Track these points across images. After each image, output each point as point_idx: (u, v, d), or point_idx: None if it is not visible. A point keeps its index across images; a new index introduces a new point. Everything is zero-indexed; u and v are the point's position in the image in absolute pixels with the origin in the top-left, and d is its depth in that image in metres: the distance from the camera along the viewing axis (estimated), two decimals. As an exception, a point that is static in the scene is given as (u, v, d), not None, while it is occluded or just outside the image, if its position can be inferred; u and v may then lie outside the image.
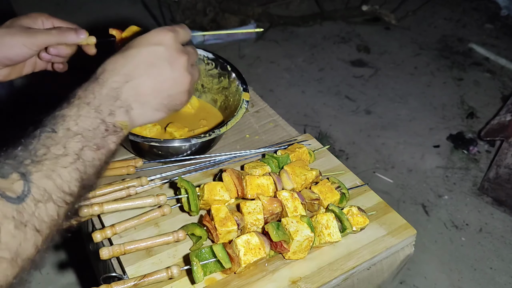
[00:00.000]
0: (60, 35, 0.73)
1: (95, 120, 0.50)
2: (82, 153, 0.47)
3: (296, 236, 0.70)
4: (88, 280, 1.41)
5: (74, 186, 0.45)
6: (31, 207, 0.40)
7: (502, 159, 1.83)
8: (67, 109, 0.49)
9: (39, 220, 0.41)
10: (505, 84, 2.66)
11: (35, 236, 0.40)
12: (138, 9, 3.07)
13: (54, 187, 0.43)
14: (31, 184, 0.41)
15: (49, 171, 0.43)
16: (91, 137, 0.48)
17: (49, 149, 0.45)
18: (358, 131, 2.28)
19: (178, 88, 0.59)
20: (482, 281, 1.62)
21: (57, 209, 0.43)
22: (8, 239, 0.37)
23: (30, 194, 0.41)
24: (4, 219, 0.38)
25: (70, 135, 0.47)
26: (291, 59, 2.79)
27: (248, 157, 0.94)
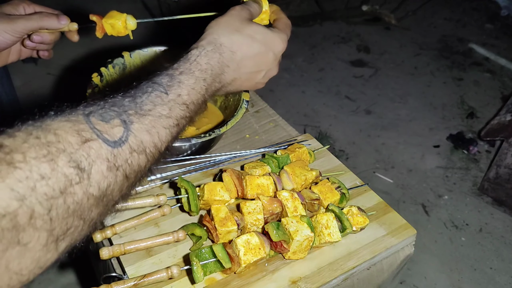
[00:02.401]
0: (41, 20, 0.73)
1: (202, 97, 0.53)
2: (182, 121, 0.50)
3: (296, 236, 0.70)
4: (88, 280, 1.41)
5: (165, 146, 0.48)
6: (126, 154, 0.42)
7: (502, 159, 1.83)
8: (186, 75, 0.52)
9: (130, 167, 0.42)
10: (505, 84, 2.66)
11: (123, 182, 0.42)
12: (138, 9, 3.07)
13: (150, 142, 0.45)
14: (130, 133, 0.43)
15: (150, 126, 0.45)
16: (193, 111, 0.52)
17: (155, 107, 0.47)
18: (358, 131, 2.28)
19: (262, 81, 0.67)
20: (482, 281, 1.62)
21: (146, 162, 0.45)
22: (99, 178, 0.39)
23: (127, 142, 0.42)
24: (98, 158, 0.39)
25: (179, 101, 0.50)
26: (291, 59, 2.79)
27: (248, 157, 0.94)
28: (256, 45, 0.61)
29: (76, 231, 0.38)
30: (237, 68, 0.60)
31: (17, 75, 2.15)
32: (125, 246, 0.70)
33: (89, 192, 0.38)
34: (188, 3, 2.90)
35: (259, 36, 0.61)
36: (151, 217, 0.77)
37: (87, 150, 0.39)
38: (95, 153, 0.39)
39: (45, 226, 0.35)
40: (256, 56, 0.61)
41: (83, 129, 0.40)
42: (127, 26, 0.80)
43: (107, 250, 0.69)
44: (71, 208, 0.37)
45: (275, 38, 0.63)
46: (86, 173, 0.38)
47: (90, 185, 0.38)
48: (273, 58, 0.63)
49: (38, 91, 2.35)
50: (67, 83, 2.41)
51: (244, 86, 0.64)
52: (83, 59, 2.08)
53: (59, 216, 0.36)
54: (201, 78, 0.54)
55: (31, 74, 2.40)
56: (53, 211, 0.35)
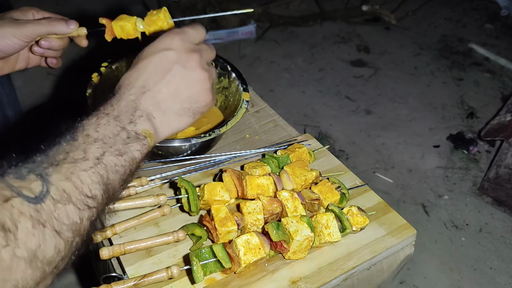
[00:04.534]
0: (49, 25, 0.72)
1: (115, 127, 0.49)
2: (103, 158, 0.46)
3: (296, 236, 0.70)
4: (88, 280, 1.41)
5: (96, 189, 0.44)
6: (50, 208, 0.39)
7: (502, 159, 1.83)
8: (86, 120, 0.49)
9: (59, 221, 0.40)
10: (505, 84, 2.66)
11: (55, 238, 0.39)
12: (138, 9, 3.08)
13: (73, 188, 0.42)
14: (50, 184, 0.40)
15: (68, 173, 0.42)
16: (112, 143, 0.48)
17: (68, 154, 0.44)
18: (358, 131, 2.28)
19: (196, 87, 0.58)
20: (482, 281, 1.62)
21: (78, 212, 0.42)
22: (26, 237, 0.36)
23: (48, 195, 0.40)
24: (21, 216, 0.37)
25: (90, 141, 0.46)
26: (291, 59, 2.79)
27: (248, 157, 0.94)
28: (146, 60, 0.56)
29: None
30: (146, 87, 0.54)
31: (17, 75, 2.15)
32: (125, 246, 0.70)
33: (18, 255, 0.35)
34: (188, 3, 2.91)
35: (144, 54, 0.57)
36: (151, 217, 0.77)
37: (9, 209, 0.36)
38: (17, 212, 0.37)
39: None
40: (155, 65, 0.56)
41: (1, 187, 0.37)
42: (136, 28, 0.80)
43: (107, 250, 0.69)
44: (0, 278, 0.34)
45: (157, 41, 0.58)
46: (12, 234, 0.35)
47: (18, 246, 0.36)
48: (172, 53, 0.56)
49: (38, 91, 2.35)
50: (67, 83, 2.41)
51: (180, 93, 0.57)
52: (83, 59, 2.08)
53: None
54: (103, 113, 0.50)
55: (31, 74, 2.40)
56: None
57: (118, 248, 0.70)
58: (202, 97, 0.58)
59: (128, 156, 0.49)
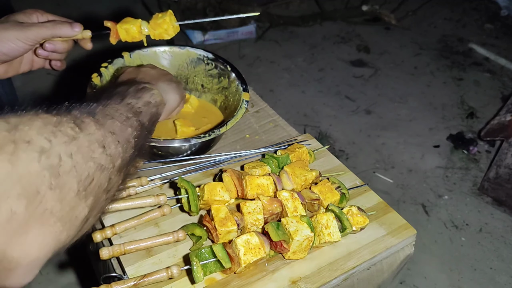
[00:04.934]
0: (54, 28, 0.72)
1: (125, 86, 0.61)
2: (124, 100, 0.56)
3: (296, 236, 0.70)
4: (88, 280, 1.41)
5: (130, 114, 0.53)
6: (101, 119, 0.46)
7: (502, 159, 1.83)
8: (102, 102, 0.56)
9: (112, 127, 0.47)
10: (505, 84, 2.66)
11: (112, 137, 0.46)
12: (138, 9, 3.07)
13: (113, 111, 0.50)
14: (95, 108, 0.47)
15: (105, 105, 0.50)
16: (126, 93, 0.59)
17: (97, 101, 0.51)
18: (358, 131, 2.28)
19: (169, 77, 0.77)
20: (482, 281, 1.62)
21: (124, 127, 0.49)
22: (92, 130, 0.43)
23: (96, 113, 0.46)
24: (84, 118, 0.44)
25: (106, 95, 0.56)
26: (291, 59, 2.79)
27: (248, 157, 0.94)
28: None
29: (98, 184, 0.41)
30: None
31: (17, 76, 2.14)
32: (125, 246, 0.70)
33: (91, 141, 0.42)
34: (188, 3, 2.90)
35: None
36: (151, 217, 0.77)
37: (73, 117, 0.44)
38: (80, 117, 0.44)
39: (73, 171, 0.38)
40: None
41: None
42: (141, 31, 0.80)
43: (107, 250, 0.69)
44: (86, 155, 0.40)
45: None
46: (85, 124, 0.43)
47: (90, 134, 0.43)
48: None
49: (38, 91, 2.35)
50: (67, 83, 2.41)
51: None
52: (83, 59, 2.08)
53: (80, 162, 0.39)
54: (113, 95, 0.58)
55: (31, 74, 2.40)
56: (73, 156, 0.39)
57: (118, 248, 0.70)
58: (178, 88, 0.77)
59: (144, 100, 0.59)
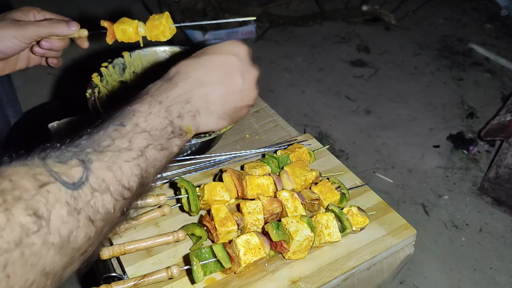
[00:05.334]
0: (51, 26, 0.72)
1: (164, 120, 0.50)
2: (146, 150, 0.46)
3: (296, 236, 0.70)
4: (88, 280, 1.41)
5: (133, 181, 0.44)
6: (87, 196, 0.39)
7: (502, 159, 1.83)
8: (138, 104, 0.50)
9: (94, 210, 0.40)
10: (505, 84, 2.66)
11: (88, 226, 0.39)
12: (138, 9, 3.07)
13: (113, 179, 0.42)
14: (90, 172, 0.40)
15: (110, 163, 0.42)
16: (157, 137, 0.48)
17: (114, 141, 0.44)
18: (358, 131, 2.28)
19: (244, 101, 0.60)
20: (482, 281, 1.62)
21: (113, 202, 0.42)
22: (59, 224, 0.36)
23: (87, 182, 0.40)
24: (57, 202, 0.36)
25: (137, 130, 0.47)
26: (291, 59, 2.79)
27: (248, 157, 0.94)
28: (210, 56, 0.58)
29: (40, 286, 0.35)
30: (202, 82, 0.55)
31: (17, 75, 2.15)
32: (125, 246, 0.70)
33: (49, 241, 0.35)
34: (188, 3, 2.91)
35: (209, 51, 0.59)
36: (151, 217, 0.77)
37: (45, 195, 0.36)
38: (53, 198, 0.36)
39: (2, 284, 0.32)
40: (218, 65, 0.57)
41: (40, 172, 0.37)
42: (138, 32, 0.80)
43: (107, 250, 0.69)
44: (29, 262, 0.34)
45: (226, 43, 0.60)
46: (45, 220, 0.35)
47: (50, 233, 0.35)
48: (237, 60, 0.58)
49: (38, 91, 2.35)
50: (67, 83, 2.41)
51: (230, 100, 0.58)
52: (83, 59, 2.08)
53: (17, 272, 0.33)
54: (156, 101, 0.51)
55: (31, 74, 2.40)
56: (8, 267, 0.32)
57: (118, 248, 0.70)
58: (244, 110, 0.62)
59: (168, 151, 0.50)
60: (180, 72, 0.56)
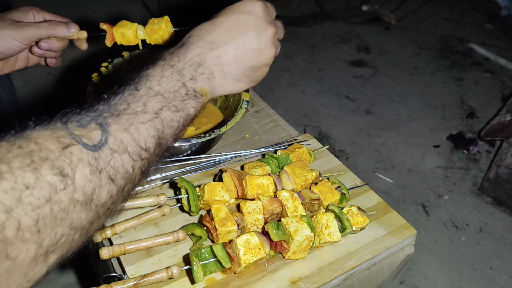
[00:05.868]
0: (50, 28, 0.73)
1: (177, 82, 0.51)
2: (161, 112, 0.48)
3: (296, 236, 0.70)
4: (88, 280, 1.41)
5: (150, 142, 0.46)
6: (107, 156, 0.41)
7: (502, 159, 1.83)
8: (151, 69, 0.51)
9: (114, 169, 0.42)
10: (505, 84, 2.66)
11: (110, 185, 0.41)
12: (138, 9, 3.07)
13: (130, 140, 0.44)
14: (109, 134, 0.42)
15: (127, 125, 0.44)
16: (171, 99, 0.49)
17: (129, 105, 0.46)
18: (358, 131, 2.28)
19: (261, 60, 0.59)
20: (482, 281, 1.62)
21: (132, 163, 0.44)
22: (83, 182, 0.38)
23: (107, 144, 0.42)
24: (80, 163, 0.39)
25: (151, 94, 0.48)
26: (291, 59, 2.79)
27: (248, 157, 0.94)
28: (224, 17, 0.57)
29: (67, 241, 0.38)
30: (215, 44, 0.55)
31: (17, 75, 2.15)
32: (125, 246, 0.70)
33: (75, 198, 0.37)
34: (188, 3, 2.90)
35: (224, 12, 0.58)
36: (151, 217, 0.77)
37: (68, 156, 0.38)
38: (76, 158, 0.39)
39: (33, 238, 0.34)
40: (231, 25, 0.56)
41: (62, 135, 0.39)
42: (137, 36, 0.80)
43: (107, 250, 0.69)
44: (58, 217, 0.36)
45: (242, 2, 0.58)
46: (70, 179, 0.37)
47: (75, 190, 0.38)
48: (252, 18, 0.57)
49: (38, 91, 2.35)
50: (67, 83, 2.41)
51: (245, 60, 0.57)
52: (83, 59, 2.08)
53: (47, 227, 0.35)
54: (168, 65, 0.52)
55: (31, 74, 2.40)
56: (40, 221, 0.35)
57: (118, 248, 0.70)
58: (263, 70, 0.60)
59: (184, 112, 0.51)
60: (192, 35, 0.56)
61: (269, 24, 0.58)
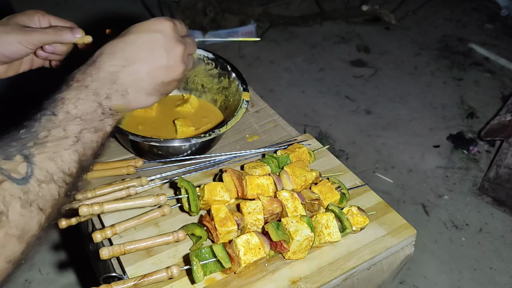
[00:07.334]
0: (56, 34, 0.73)
1: (93, 103, 0.52)
2: (81, 135, 0.49)
3: (296, 236, 0.70)
4: (88, 280, 1.41)
5: (74, 167, 0.48)
6: (35, 188, 0.43)
7: (502, 159, 1.83)
8: (66, 92, 0.51)
9: (43, 199, 0.43)
10: (505, 84, 2.66)
11: (39, 215, 0.43)
12: (138, 9, 3.07)
13: (55, 168, 0.45)
14: (34, 166, 0.44)
15: (51, 153, 0.46)
16: (89, 120, 0.51)
17: (50, 132, 0.47)
18: (358, 131, 2.28)
19: (171, 76, 0.61)
20: (482, 281, 1.62)
21: (58, 189, 0.45)
22: (16, 217, 0.40)
23: (33, 176, 0.43)
24: (12, 198, 0.40)
25: (69, 118, 0.49)
26: (291, 59, 2.79)
27: (248, 157, 0.94)
28: (135, 35, 0.58)
29: (4, 274, 0.39)
30: (128, 61, 0.56)
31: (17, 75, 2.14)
32: (125, 246, 0.70)
33: (10, 234, 0.39)
34: (188, 3, 2.91)
35: (135, 29, 0.59)
36: (151, 217, 0.77)
37: (1, 193, 0.40)
38: (8, 194, 0.40)
39: None
40: (143, 43, 0.58)
41: None
42: None
43: (107, 250, 0.69)
44: None
45: (150, 21, 0.60)
46: (5, 215, 0.39)
47: (10, 226, 0.39)
48: (162, 37, 0.59)
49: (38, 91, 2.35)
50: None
51: (156, 76, 0.59)
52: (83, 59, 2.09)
53: None
54: (82, 85, 0.52)
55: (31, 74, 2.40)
56: None
57: (118, 248, 0.70)
58: (173, 84, 0.63)
59: (102, 132, 0.53)
60: (104, 53, 0.57)
61: (178, 43, 0.60)
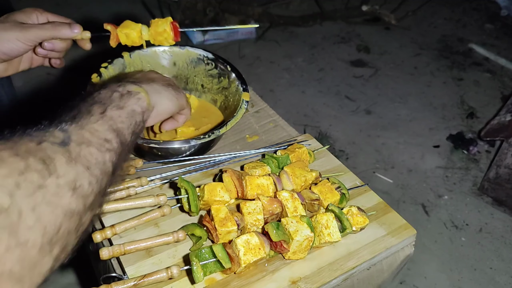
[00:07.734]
0: (54, 29, 0.73)
1: (107, 92, 0.56)
2: (106, 112, 0.52)
3: (296, 236, 0.70)
4: (88, 280, 1.41)
5: (108, 134, 0.50)
6: (75, 149, 0.44)
7: (502, 159, 1.83)
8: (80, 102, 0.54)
9: (86, 159, 0.44)
10: (505, 84, 2.66)
11: (87, 173, 0.43)
12: (138, 9, 3.07)
13: (90, 134, 0.47)
14: (70, 133, 0.45)
15: (82, 125, 0.48)
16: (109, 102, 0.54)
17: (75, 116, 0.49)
18: (358, 131, 2.28)
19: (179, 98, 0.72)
20: (482, 281, 1.62)
21: (100, 154, 0.47)
22: (64, 169, 0.41)
23: (71, 141, 0.44)
24: (56, 153, 0.41)
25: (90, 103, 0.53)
26: (291, 59, 2.79)
27: (248, 157, 0.94)
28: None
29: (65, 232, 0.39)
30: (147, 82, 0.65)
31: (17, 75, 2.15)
32: (125, 246, 0.70)
33: (61, 184, 0.40)
34: (188, 3, 2.90)
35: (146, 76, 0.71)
36: (151, 217, 0.77)
37: (44, 150, 0.41)
38: (51, 151, 0.41)
39: (36, 225, 0.36)
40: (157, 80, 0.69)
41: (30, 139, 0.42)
42: (141, 36, 0.81)
43: (107, 250, 0.69)
44: (52, 203, 0.38)
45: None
46: (52, 166, 0.40)
47: (58, 176, 0.40)
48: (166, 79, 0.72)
49: (38, 91, 2.35)
50: (67, 83, 2.41)
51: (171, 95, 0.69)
52: (83, 59, 2.08)
53: (45, 213, 0.37)
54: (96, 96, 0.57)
55: (31, 74, 2.40)
56: (37, 208, 0.36)
57: (118, 248, 0.70)
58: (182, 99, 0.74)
59: (128, 109, 0.55)
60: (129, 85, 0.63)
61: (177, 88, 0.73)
